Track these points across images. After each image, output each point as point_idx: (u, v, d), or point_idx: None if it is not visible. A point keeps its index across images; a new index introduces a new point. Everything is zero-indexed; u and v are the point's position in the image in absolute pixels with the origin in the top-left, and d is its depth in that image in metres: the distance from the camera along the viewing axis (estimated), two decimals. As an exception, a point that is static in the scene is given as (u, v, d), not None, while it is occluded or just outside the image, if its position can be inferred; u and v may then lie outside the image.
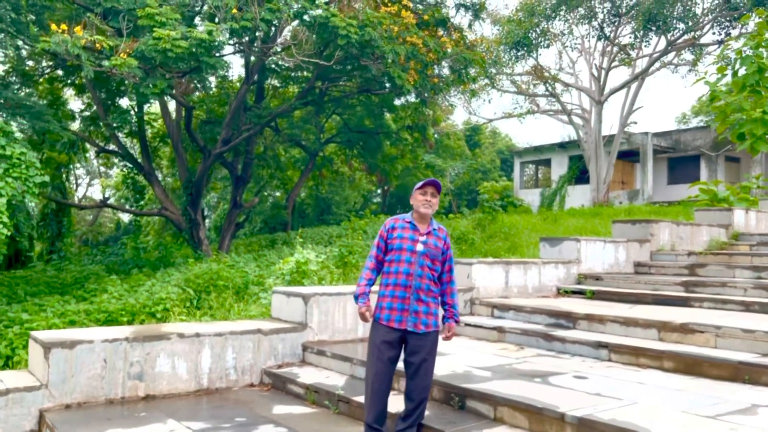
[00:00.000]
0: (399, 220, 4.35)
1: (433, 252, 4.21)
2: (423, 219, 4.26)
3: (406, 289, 4.17)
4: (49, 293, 11.56)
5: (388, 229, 4.33)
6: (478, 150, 41.92)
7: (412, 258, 4.18)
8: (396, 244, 4.24)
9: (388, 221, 4.40)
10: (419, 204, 4.23)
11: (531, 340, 6.47)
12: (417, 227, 4.25)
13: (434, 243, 4.23)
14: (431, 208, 4.22)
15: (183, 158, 17.28)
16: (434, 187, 4.27)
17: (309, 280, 7.98)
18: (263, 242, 19.39)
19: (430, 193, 4.24)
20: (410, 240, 4.21)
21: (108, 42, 9.72)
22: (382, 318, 4.22)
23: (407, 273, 4.17)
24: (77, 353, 5.24)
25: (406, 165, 28.21)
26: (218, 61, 10.84)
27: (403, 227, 4.29)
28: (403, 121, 22.81)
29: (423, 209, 4.21)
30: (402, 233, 4.26)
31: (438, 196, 4.29)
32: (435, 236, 4.27)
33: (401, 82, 12.44)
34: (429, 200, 4.21)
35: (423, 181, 4.29)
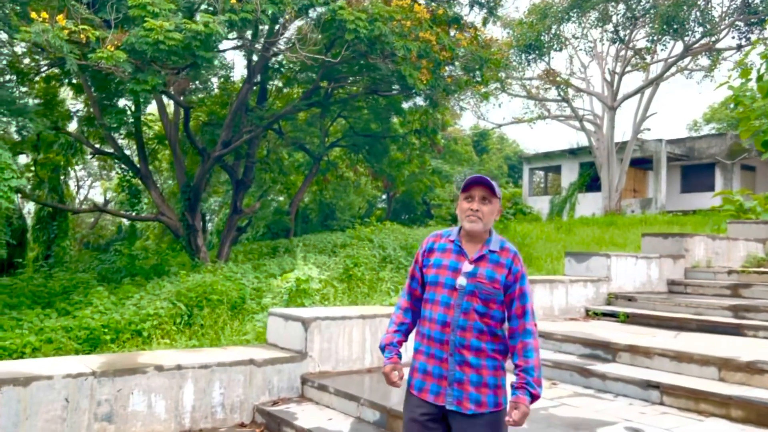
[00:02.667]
0: (441, 238, 2.99)
1: (486, 289, 2.78)
2: (472, 237, 2.89)
3: (443, 347, 2.81)
4: (31, 305, 10.75)
5: (425, 252, 3.01)
6: (485, 155, 41.11)
7: (451, 298, 2.81)
8: (431, 275, 2.91)
9: (427, 239, 3.07)
10: (462, 216, 2.88)
11: (565, 374, 5.62)
12: (463, 249, 2.87)
13: (488, 274, 2.79)
14: (480, 222, 2.81)
15: (181, 161, 16.48)
16: (484, 187, 2.84)
17: (310, 299, 7.17)
18: (264, 249, 18.57)
19: (479, 198, 2.83)
20: (451, 270, 2.85)
21: (94, 33, 8.93)
22: (413, 385, 2.91)
23: (443, 322, 2.81)
24: (33, 392, 4.40)
25: (412, 170, 27.38)
26: (215, 55, 10.04)
27: (444, 249, 2.93)
28: (411, 125, 22.01)
29: (468, 224, 2.84)
30: (441, 258, 2.90)
31: (494, 201, 2.86)
32: (492, 263, 2.82)
33: (413, 81, 11.60)
34: (475, 210, 2.82)
35: (467, 179, 2.89)
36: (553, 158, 34.06)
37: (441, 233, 3.05)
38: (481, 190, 2.86)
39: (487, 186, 2.86)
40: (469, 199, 2.86)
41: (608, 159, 27.69)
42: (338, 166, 25.82)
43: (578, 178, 32.46)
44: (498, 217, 2.95)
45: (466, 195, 2.89)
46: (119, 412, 4.69)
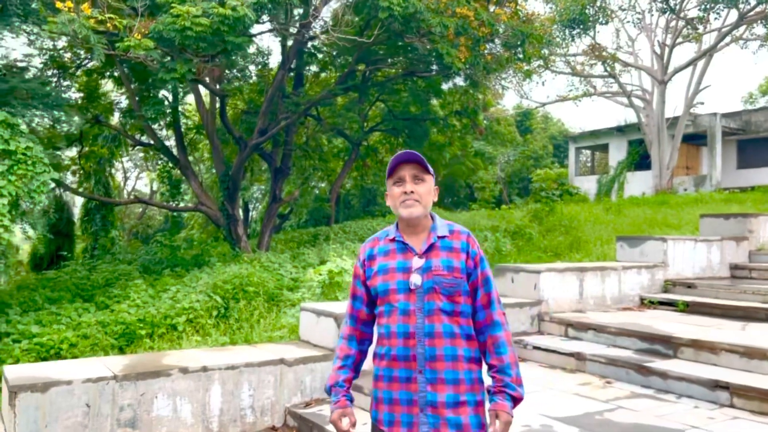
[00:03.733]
0: (379, 241, 2.52)
1: (447, 280, 2.35)
2: (414, 228, 2.43)
3: (409, 364, 2.33)
4: (73, 298, 10.74)
5: (365, 261, 2.53)
6: (529, 136, 40.07)
7: (409, 303, 2.35)
8: (379, 284, 2.42)
9: (363, 246, 2.58)
10: (396, 204, 2.42)
11: (620, 372, 5.15)
12: (407, 245, 2.42)
13: (445, 263, 2.37)
14: (419, 204, 2.38)
15: (219, 150, 16.35)
16: (413, 164, 2.40)
17: (344, 293, 6.85)
18: (305, 237, 18.36)
19: (410, 177, 2.38)
20: (401, 271, 2.39)
21: (122, 21, 8.73)
22: (381, 420, 2.42)
23: (405, 333, 2.34)
24: (52, 398, 4.20)
25: (454, 153, 26.78)
26: (246, 41, 9.75)
27: (386, 251, 2.46)
28: (452, 106, 21.43)
29: (405, 210, 2.37)
30: (385, 262, 2.44)
31: (428, 179, 2.42)
32: (445, 250, 2.40)
33: (450, 60, 11.08)
34: (410, 192, 2.37)
35: (392, 159, 2.44)
36: (599, 136, 32.95)
37: (376, 236, 2.59)
38: (411, 168, 2.40)
39: (417, 162, 2.40)
40: (399, 183, 2.41)
41: (659, 135, 26.56)
42: (378, 150, 25.44)
43: (627, 157, 31.32)
44: (436, 198, 2.50)
45: (395, 178, 2.42)
46: (143, 417, 4.46)
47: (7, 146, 7.97)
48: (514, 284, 6.88)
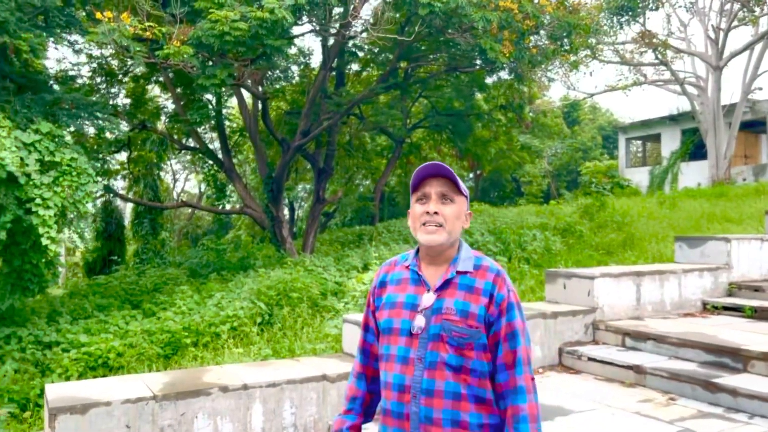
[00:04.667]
0: (395, 266, 2.14)
1: (458, 329, 1.92)
2: (433, 257, 2.03)
3: (402, 424, 1.97)
4: (121, 305, 10.87)
5: (376, 289, 2.16)
6: (577, 127, 39.11)
7: (409, 350, 1.96)
8: (383, 321, 2.05)
9: (379, 269, 2.21)
10: (416, 225, 2.02)
11: (684, 387, 4.80)
12: (421, 276, 2.03)
13: (460, 306, 1.94)
14: (443, 230, 1.97)
15: (262, 153, 16.38)
16: (443, 179, 2.00)
17: (388, 303, 6.68)
18: (350, 237, 18.26)
19: (437, 196, 1.99)
20: (407, 308, 2.00)
21: (160, 30, 8.73)
22: None
23: (399, 386, 1.96)
24: (91, 419, 4.13)
25: (499, 147, 26.29)
26: (284, 43, 9.63)
27: (399, 279, 2.08)
28: (496, 100, 20.99)
29: (424, 236, 1.98)
30: (395, 294, 2.06)
31: (459, 200, 2.02)
32: (464, 289, 1.96)
33: (494, 55, 10.74)
34: (434, 213, 1.97)
35: (417, 170, 2.02)
36: (651, 126, 31.85)
37: (395, 259, 2.18)
38: (439, 185, 1.98)
39: (448, 177, 1.98)
40: (422, 200, 2.00)
41: (714, 124, 25.48)
42: (421, 147, 25.16)
43: (680, 147, 30.19)
44: (467, 224, 2.06)
45: (419, 194, 2.02)
46: (183, 438, 4.36)
47: (53, 158, 8.06)
48: (567, 290, 6.56)
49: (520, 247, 11.96)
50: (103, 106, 10.24)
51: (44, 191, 7.81)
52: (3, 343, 8.43)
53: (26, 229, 8.13)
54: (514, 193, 35.84)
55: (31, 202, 7.78)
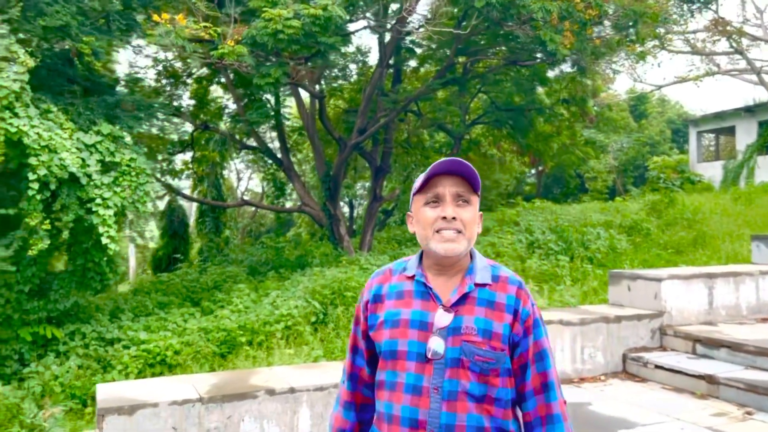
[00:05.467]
0: (392, 275, 1.81)
1: (481, 352, 1.65)
2: (445, 267, 1.73)
3: None
4: (181, 303, 11.06)
5: (368, 304, 1.82)
6: (644, 121, 37.69)
7: (422, 378, 1.66)
8: (384, 342, 1.74)
9: (369, 281, 1.87)
10: (426, 232, 1.72)
11: (763, 401, 4.41)
12: (430, 288, 1.72)
13: (481, 326, 1.68)
14: (463, 238, 1.70)
15: (320, 151, 16.43)
16: (458, 178, 1.71)
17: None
18: (407, 234, 18.09)
19: (452, 197, 1.70)
20: (417, 327, 1.70)
21: (216, 30, 8.81)
22: None
23: (412, 423, 1.66)
24: (138, 420, 4.12)
25: (562, 142, 25.58)
26: (338, 40, 9.55)
27: (400, 292, 1.76)
28: (558, 94, 20.38)
29: (440, 244, 1.69)
30: (397, 310, 1.74)
31: (475, 200, 1.75)
32: (484, 305, 1.70)
33: (554, 47, 10.35)
34: (451, 218, 1.68)
35: (430, 168, 1.73)
36: (725, 118, 30.31)
37: (390, 268, 1.84)
38: (454, 184, 1.69)
39: (465, 174, 1.70)
40: (434, 203, 1.70)
41: (795, 115, 24.02)
42: (481, 143, 24.74)
43: (757, 139, 28.57)
44: (480, 229, 1.78)
45: (430, 196, 1.71)
46: (229, 441, 4.30)
47: (113, 158, 8.24)
48: (631, 293, 6.20)
49: (582, 245, 11.50)
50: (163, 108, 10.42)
51: (104, 191, 8.00)
52: (68, 339, 8.69)
53: (88, 229, 8.35)
54: (577, 189, 34.84)
55: (92, 202, 7.98)
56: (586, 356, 5.50)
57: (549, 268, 10.04)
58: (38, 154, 7.17)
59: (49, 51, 9.12)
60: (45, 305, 8.59)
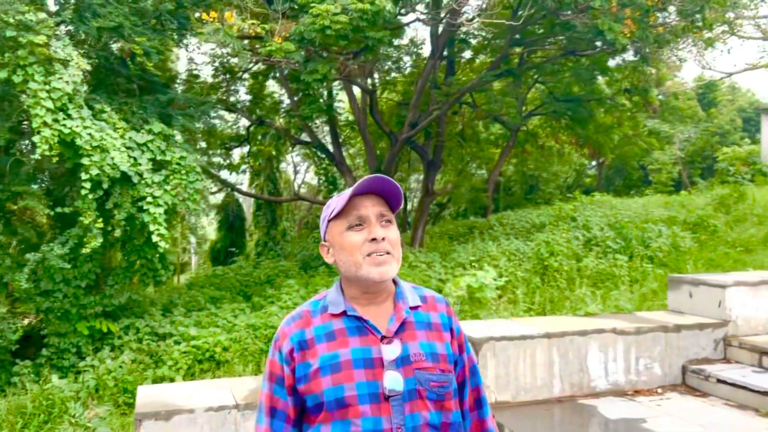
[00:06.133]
0: (313, 317, 1.63)
1: (435, 377, 1.57)
2: (375, 294, 1.62)
3: None
4: (233, 297, 11.19)
5: (291, 355, 1.61)
6: (713, 110, 35.99)
7: (380, 420, 1.51)
8: (327, 390, 1.54)
9: (286, 330, 1.65)
10: (355, 258, 1.58)
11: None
12: (363, 323, 1.59)
13: (428, 350, 1.59)
14: (394, 260, 1.60)
15: (371, 145, 16.33)
16: (374, 196, 1.62)
17: (486, 310, 6.23)
18: (460, 229, 17.83)
19: (376, 216, 1.60)
20: (360, 366, 1.55)
21: (264, 27, 8.79)
22: None
23: None
24: (175, 426, 4.10)
25: (624, 133, 24.68)
26: (386, 34, 9.38)
27: (330, 333, 1.59)
28: (620, 84, 19.62)
29: (374, 269, 1.57)
30: (333, 353, 1.56)
31: (393, 220, 1.64)
32: (423, 328, 1.62)
33: (613, 36, 9.86)
34: (382, 239, 1.58)
35: (351, 189, 1.62)
36: (801, 106, 28.63)
37: (306, 310, 1.67)
38: (375, 203, 1.59)
39: (387, 194, 1.60)
40: (358, 226, 1.58)
41: None
42: (538, 135, 24.14)
43: (837, 128, 26.90)
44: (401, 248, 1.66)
45: (352, 219, 1.58)
46: (265, 450, 4.23)
47: (164, 157, 8.35)
48: (693, 300, 5.82)
49: (643, 243, 11.00)
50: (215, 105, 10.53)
51: (155, 189, 8.12)
52: (122, 333, 8.90)
53: (140, 227, 8.51)
54: (641, 181, 33.63)
55: (143, 201, 8.12)
56: (642, 367, 5.19)
57: (606, 268, 9.64)
58: (90, 154, 7.33)
59: (104, 52, 9.32)
60: (101, 300, 8.82)
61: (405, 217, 26.80)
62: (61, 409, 6.52)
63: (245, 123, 20.53)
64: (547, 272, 9.02)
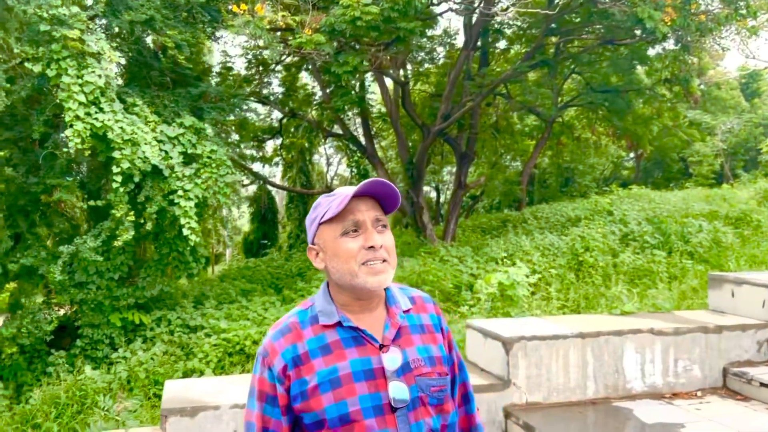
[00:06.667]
0: (303, 329, 1.54)
1: (434, 381, 1.53)
2: (367, 300, 1.55)
3: None
4: (264, 290, 11.21)
5: (284, 373, 1.50)
6: (757, 100, 34.86)
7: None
8: (328, 407, 1.46)
9: (274, 345, 1.54)
10: (351, 265, 1.50)
11: None
12: (359, 333, 1.52)
13: (425, 354, 1.55)
14: (389, 266, 1.53)
15: (402, 138, 16.20)
16: (369, 199, 1.54)
17: (518, 308, 6.06)
18: (493, 223, 17.59)
19: (372, 220, 1.52)
20: (360, 378, 1.47)
21: (294, 18, 8.73)
22: None
23: None
24: (200, 423, 4.08)
25: (663, 124, 24.04)
26: (417, 25, 9.23)
27: (325, 345, 1.51)
28: (659, 73, 19.08)
29: (371, 278, 1.50)
30: (332, 367, 1.48)
31: (387, 224, 1.59)
32: (417, 332, 1.58)
33: (653, 24, 9.53)
34: (380, 246, 1.50)
35: (345, 191, 1.54)
36: None
37: (293, 322, 1.56)
38: (370, 207, 1.52)
39: (386, 198, 1.54)
40: (354, 232, 1.50)
41: None
42: (574, 127, 23.69)
43: None
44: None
45: (347, 224, 1.50)
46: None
47: (194, 150, 8.36)
48: (735, 299, 5.58)
49: (682, 239, 10.65)
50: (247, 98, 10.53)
51: (186, 183, 8.15)
52: (155, 325, 8.98)
53: (171, 220, 8.56)
54: (680, 174, 32.80)
55: (174, 194, 8.16)
56: (680, 369, 4.99)
57: (643, 264, 9.36)
58: (121, 147, 7.38)
59: (138, 45, 9.39)
60: (133, 292, 8.91)
61: (438, 210, 26.69)
62: (93, 400, 6.59)
63: (278, 115, 20.59)
64: (582, 268, 8.80)
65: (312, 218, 1.59)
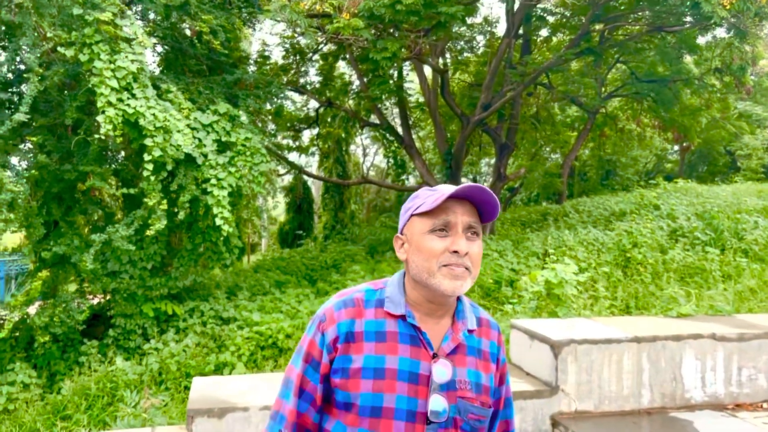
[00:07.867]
0: (365, 307, 1.49)
1: (474, 409, 1.45)
2: (438, 305, 1.49)
3: None
4: (298, 282, 11.02)
5: (335, 344, 1.47)
6: (812, 91, 33.36)
7: None
8: (363, 394, 1.41)
9: (334, 313, 1.49)
10: (432, 263, 1.43)
11: None
12: (419, 334, 1.46)
13: (474, 379, 1.48)
14: (469, 277, 1.45)
15: (441, 128, 15.82)
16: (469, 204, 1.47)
17: (565, 308, 5.70)
18: (533, 216, 17.12)
19: (465, 226, 1.45)
20: (404, 379, 1.41)
21: (331, 2, 8.44)
22: None
23: None
24: (228, 424, 3.86)
25: (712, 116, 23.11)
26: (459, 9, 8.84)
27: (381, 332, 1.46)
28: (710, 63, 18.27)
29: (448, 282, 1.42)
30: (379, 356, 1.43)
31: (480, 233, 1.50)
32: (473, 355, 1.51)
33: (710, 8, 8.98)
34: (465, 253, 1.43)
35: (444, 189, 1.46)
36: None
37: (359, 297, 1.52)
38: (467, 212, 1.47)
39: (483, 205, 1.48)
40: (443, 231, 1.46)
41: None
42: (618, 118, 22.98)
43: None
44: None
45: (439, 222, 1.45)
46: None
47: (229, 138, 8.17)
48: (805, 303, 5.13)
49: (736, 235, 10.08)
50: (282, 86, 10.31)
51: (219, 171, 7.96)
52: (187, 316, 8.85)
53: (204, 209, 8.40)
54: (727, 167, 31.65)
55: (207, 183, 7.98)
56: (744, 378, 4.59)
57: (695, 261, 8.86)
58: (153, 135, 7.21)
59: (173, 31, 9.23)
60: (166, 282, 8.78)
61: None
62: (122, 395, 6.47)
63: (315, 105, 20.39)
64: (629, 265, 8.35)
65: (407, 208, 1.55)
